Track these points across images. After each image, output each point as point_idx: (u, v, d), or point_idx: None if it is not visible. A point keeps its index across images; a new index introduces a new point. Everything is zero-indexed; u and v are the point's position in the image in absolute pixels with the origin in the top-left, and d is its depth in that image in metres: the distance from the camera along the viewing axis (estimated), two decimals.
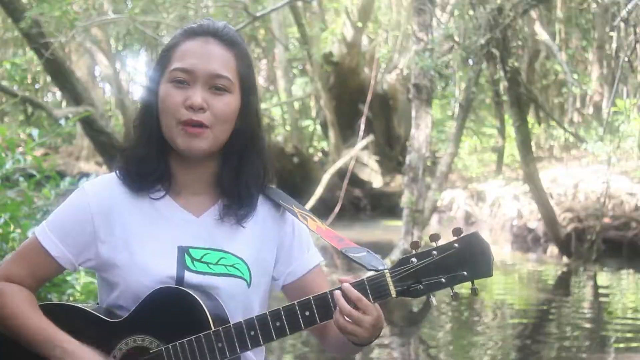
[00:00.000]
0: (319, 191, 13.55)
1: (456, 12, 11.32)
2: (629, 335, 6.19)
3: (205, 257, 1.56)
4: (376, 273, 1.41)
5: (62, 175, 4.04)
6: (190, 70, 1.52)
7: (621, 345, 5.76)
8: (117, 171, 1.60)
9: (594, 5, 13.63)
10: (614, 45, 12.75)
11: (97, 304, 1.69)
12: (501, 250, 11.71)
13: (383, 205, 15.62)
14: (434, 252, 1.39)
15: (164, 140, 1.55)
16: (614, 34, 10.00)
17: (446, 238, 1.43)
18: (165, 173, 1.58)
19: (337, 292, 1.43)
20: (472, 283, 1.40)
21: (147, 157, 1.56)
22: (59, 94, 18.50)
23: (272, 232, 1.63)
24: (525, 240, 11.81)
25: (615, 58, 11.84)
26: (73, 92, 10.43)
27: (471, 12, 8.26)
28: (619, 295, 8.22)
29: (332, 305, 1.44)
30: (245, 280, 1.57)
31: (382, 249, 9.05)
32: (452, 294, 1.42)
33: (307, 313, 1.44)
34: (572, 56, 16.15)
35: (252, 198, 1.60)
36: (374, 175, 16.14)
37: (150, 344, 1.52)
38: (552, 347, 5.82)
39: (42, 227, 1.59)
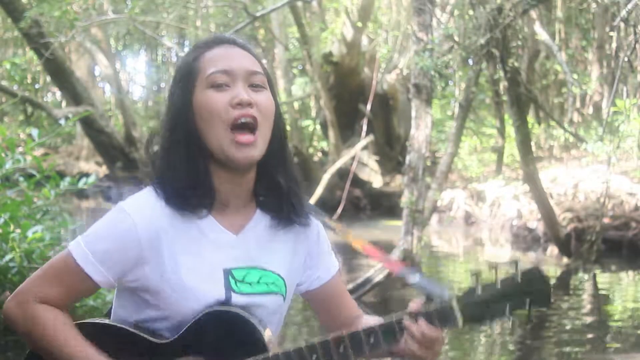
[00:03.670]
0: (318, 191, 13.56)
1: (456, 12, 11.34)
2: (629, 335, 6.19)
3: (246, 277, 1.56)
4: (444, 302, 1.49)
5: (62, 175, 4.04)
6: (229, 70, 1.51)
7: (621, 345, 5.76)
8: (157, 189, 1.55)
9: (594, 5, 13.63)
10: (614, 45, 12.76)
11: (105, 314, 1.67)
12: (501, 250, 11.72)
13: (383, 205, 15.62)
14: (497, 285, 1.49)
15: (206, 155, 1.52)
16: (614, 34, 10.00)
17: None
18: (210, 190, 1.55)
19: (407, 321, 1.49)
20: (530, 311, 1.50)
21: (192, 176, 1.52)
22: (59, 94, 18.50)
23: (301, 243, 1.66)
24: (525, 240, 11.81)
25: (615, 58, 11.84)
26: (73, 92, 10.45)
27: (471, 12, 8.26)
28: (619, 295, 8.22)
29: (397, 331, 1.49)
30: (283, 295, 1.60)
31: (382, 249, 9.04)
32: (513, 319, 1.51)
33: (372, 340, 1.49)
34: (572, 56, 16.16)
35: (301, 201, 1.63)
36: (374, 175, 16.14)
37: None
38: (551, 347, 5.82)
39: (81, 248, 1.51)
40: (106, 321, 1.59)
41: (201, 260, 1.53)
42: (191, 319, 1.49)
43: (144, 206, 1.53)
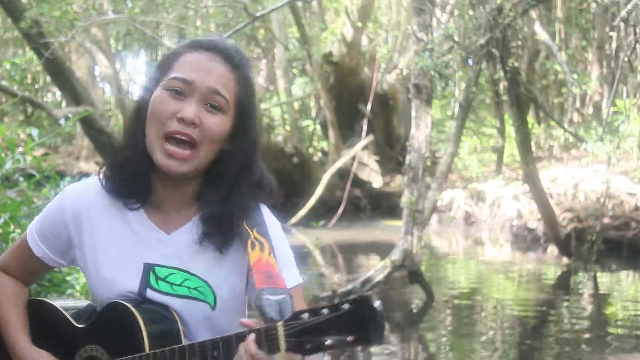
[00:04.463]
0: (318, 191, 13.57)
1: (456, 12, 11.34)
2: (628, 335, 6.19)
3: (169, 276, 1.53)
4: (270, 324, 1.35)
5: (62, 175, 4.04)
6: (190, 81, 1.47)
7: (621, 345, 5.76)
8: (100, 175, 1.58)
9: (594, 5, 13.63)
10: (614, 45, 12.77)
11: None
12: (501, 250, 11.72)
13: (383, 205, 15.64)
14: (324, 311, 1.32)
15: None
16: (614, 34, 10.01)
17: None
18: (145, 183, 1.54)
19: (240, 337, 1.38)
20: (363, 346, 1.32)
21: (129, 164, 1.53)
22: (58, 94, 18.50)
23: (241, 255, 1.55)
24: (525, 240, 11.82)
25: (615, 58, 11.84)
26: (73, 92, 10.42)
27: (471, 12, 8.26)
28: (619, 295, 8.22)
29: (235, 345, 1.39)
30: (209, 303, 1.53)
31: (382, 249, 9.05)
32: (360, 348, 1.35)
33: (214, 353, 1.41)
34: (572, 56, 16.17)
35: (234, 227, 1.54)
36: (374, 175, 16.15)
37: (102, 355, 1.53)
38: (552, 347, 5.82)
39: (31, 226, 1.63)
40: (52, 304, 1.66)
41: (121, 252, 1.54)
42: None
43: (79, 191, 1.60)
